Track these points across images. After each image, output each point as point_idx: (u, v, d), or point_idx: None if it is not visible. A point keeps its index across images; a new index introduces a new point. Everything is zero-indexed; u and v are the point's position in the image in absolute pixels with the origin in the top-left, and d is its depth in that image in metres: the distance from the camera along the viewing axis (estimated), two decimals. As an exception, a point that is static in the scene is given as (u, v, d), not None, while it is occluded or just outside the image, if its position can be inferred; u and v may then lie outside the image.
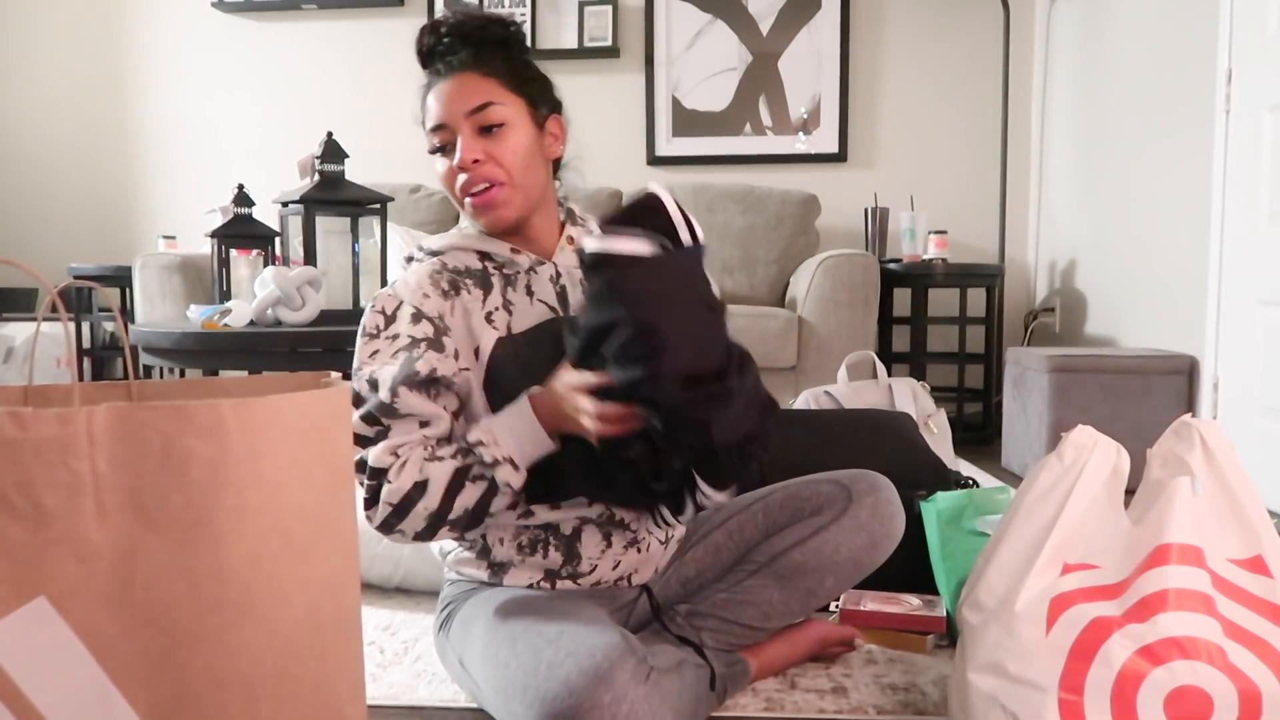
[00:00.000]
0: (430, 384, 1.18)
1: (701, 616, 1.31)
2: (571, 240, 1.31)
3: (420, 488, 1.13)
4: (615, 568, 1.29)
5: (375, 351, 1.20)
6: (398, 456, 1.14)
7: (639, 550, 1.29)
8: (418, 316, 1.21)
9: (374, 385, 1.17)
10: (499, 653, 1.14)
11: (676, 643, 1.27)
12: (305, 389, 0.89)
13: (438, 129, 1.23)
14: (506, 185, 1.21)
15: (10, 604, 0.70)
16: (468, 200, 1.23)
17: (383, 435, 1.16)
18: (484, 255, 1.27)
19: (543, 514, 1.24)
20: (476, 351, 1.22)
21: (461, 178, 1.22)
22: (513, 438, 1.14)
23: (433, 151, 1.24)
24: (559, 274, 1.28)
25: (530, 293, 1.25)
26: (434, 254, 1.28)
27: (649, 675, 1.06)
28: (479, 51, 1.23)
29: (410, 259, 1.31)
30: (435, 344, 1.20)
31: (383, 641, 1.55)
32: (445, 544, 1.34)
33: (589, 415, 1.08)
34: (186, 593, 0.73)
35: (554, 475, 1.18)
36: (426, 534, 1.16)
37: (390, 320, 1.22)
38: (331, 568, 0.82)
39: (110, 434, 0.71)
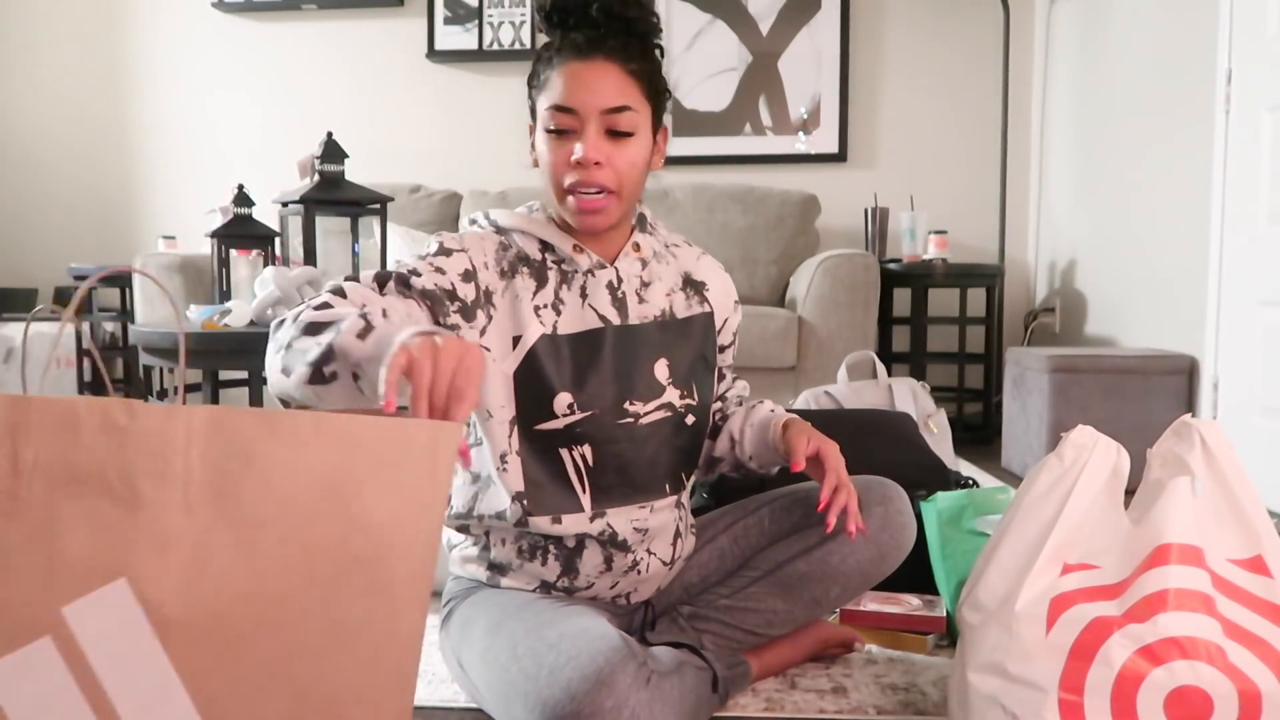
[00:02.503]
0: (423, 295, 1.13)
1: (704, 620, 1.30)
2: (637, 247, 1.26)
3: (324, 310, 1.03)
4: (613, 587, 1.28)
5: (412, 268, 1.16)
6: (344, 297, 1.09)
7: (639, 572, 1.27)
8: (469, 276, 1.17)
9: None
10: (499, 656, 1.13)
11: (672, 648, 1.26)
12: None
13: (564, 111, 1.15)
14: (615, 195, 1.16)
15: (93, 581, 0.74)
16: (570, 198, 1.16)
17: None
18: (545, 246, 1.23)
19: (540, 525, 1.22)
20: (515, 340, 1.19)
21: (573, 174, 1.15)
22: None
23: (548, 128, 1.16)
24: (619, 280, 1.24)
25: (584, 295, 1.22)
26: (499, 230, 1.24)
27: (650, 679, 1.05)
28: (627, 42, 1.16)
29: (473, 222, 1.27)
30: (466, 311, 1.16)
31: (383, 641, 1.54)
32: (452, 537, 1.33)
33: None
34: (253, 588, 0.76)
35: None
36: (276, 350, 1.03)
37: (445, 256, 1.17)
38: (398, 592, 0.82)
39: (206, 433, 0.76)
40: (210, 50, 4.21)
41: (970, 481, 1.81)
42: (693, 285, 1.32)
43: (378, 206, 2.35)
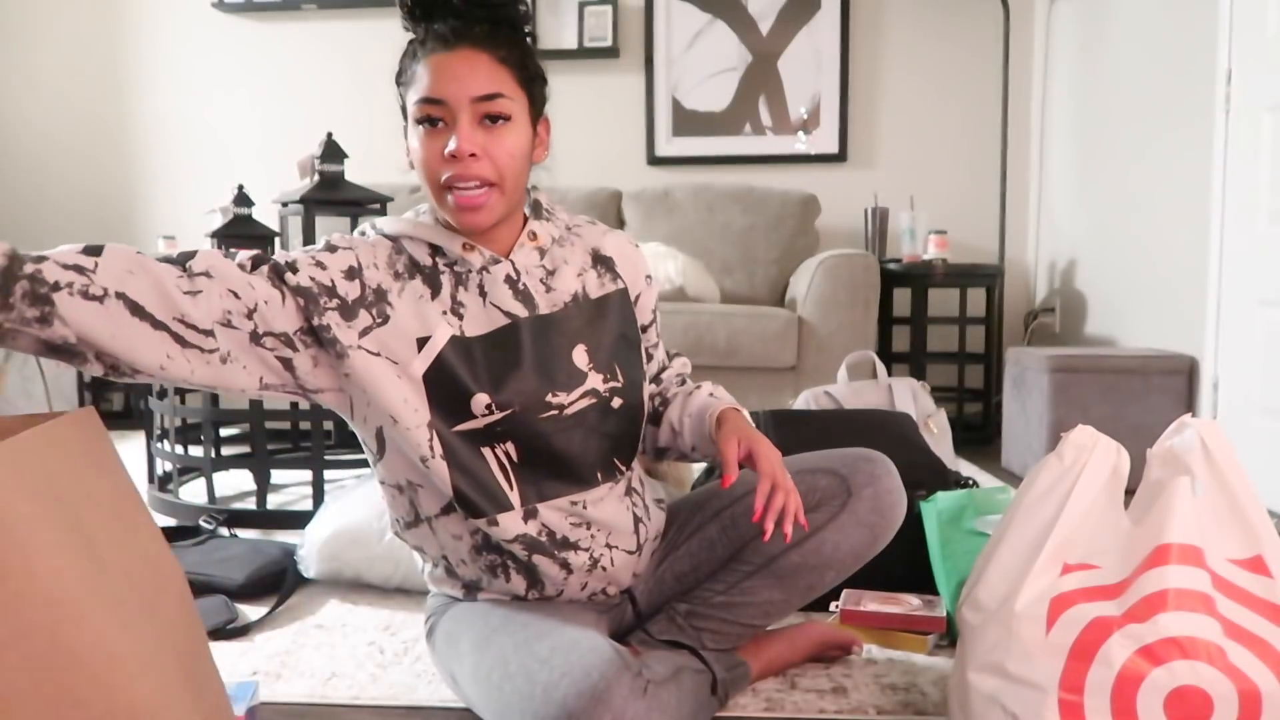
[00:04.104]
0: (296, 290, 1.10)
1: (702, 617, 1.30)
2: (534, 236, 1.22)
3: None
4: (584, 587, 1.26)
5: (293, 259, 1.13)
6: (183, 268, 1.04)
7: (604, 568, 1.25)
8: (353, 274, 1.14)
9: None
10: (491, 675, 1.12)
11: (670, 649, 1.26)
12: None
13: (433, 103, 1.11)
14: (496, 189, 1.12)
15: None
16: (450, 195, 1.12)
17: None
18: (435, 250, 1.18)
19: (479, 528, 1.19)
20: (422, 342, 1.15)
21: (449, 169, 1.11)
22: None
23: (418, 122, 1.12)
24: (518, 273, 1.19)
25: (483, 294, 1.17)
26: (389, 238, 1.20)
27: (646, 689, 1.04)
28: (494, 30, 1.12)
29: (363, 234, 1.23)
30: (346, 309, 1.12)
31: (383, 641, 1.55)
32: (418, 558, 1.33)
33: None
34: None
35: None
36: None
37: (329, 252, 1.14)
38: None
39: None
40: (210, 50, 4.21)
41: (970, 481, 1.81)
42: (602, 261, 1.27)
43: (377, 206, 2.35)
